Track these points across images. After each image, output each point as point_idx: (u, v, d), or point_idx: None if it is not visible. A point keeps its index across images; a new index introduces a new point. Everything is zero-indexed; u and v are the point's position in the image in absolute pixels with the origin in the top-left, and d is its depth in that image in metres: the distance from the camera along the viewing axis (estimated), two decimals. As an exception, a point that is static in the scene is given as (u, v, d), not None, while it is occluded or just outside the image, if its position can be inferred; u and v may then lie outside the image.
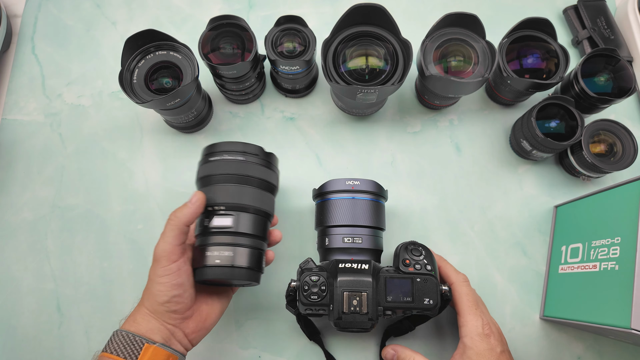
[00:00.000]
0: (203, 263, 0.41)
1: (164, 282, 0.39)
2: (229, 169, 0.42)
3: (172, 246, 0.40)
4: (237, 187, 0.42)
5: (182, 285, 0.40)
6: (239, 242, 0.42)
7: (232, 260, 0.41)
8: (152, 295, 0.40)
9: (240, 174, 0.42)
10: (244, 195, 0.42)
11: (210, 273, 0.41)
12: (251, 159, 0.43)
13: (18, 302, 0.52)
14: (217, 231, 0.41)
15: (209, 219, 0.42)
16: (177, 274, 0.40)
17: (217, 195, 0.42)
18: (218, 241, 0.41)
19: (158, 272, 0.40)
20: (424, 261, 0.44)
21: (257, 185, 0.43)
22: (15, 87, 0.60)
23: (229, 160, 0.43)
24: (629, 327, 0.37)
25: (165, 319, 0.40)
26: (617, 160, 0.52)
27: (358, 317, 0.41)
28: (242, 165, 0.43)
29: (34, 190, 0.56)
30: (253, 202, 0.43)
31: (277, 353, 0.50)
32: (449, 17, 0.50)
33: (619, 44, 0.60)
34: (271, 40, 0.51)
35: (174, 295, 0.40)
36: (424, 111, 0.59)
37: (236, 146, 0.43)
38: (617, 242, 0.42)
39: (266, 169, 0.44)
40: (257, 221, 0.43)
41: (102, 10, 0.64)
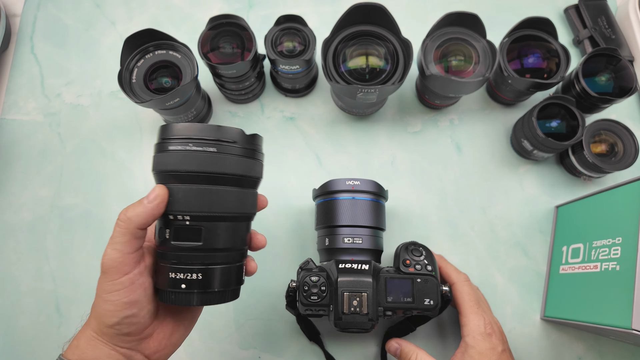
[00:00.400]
0: (166, 286, 0.33)
1: (113, 300, 0.31)
2: (197, 165, 0.31)
3: (123, 255, 0.31)
4: (208, 190, 0.32)
5: (136, 303, 0.32)
6: (211, 260, 0.33)
7: (203, 284, 0.33)
8: (99, 316, 0.32)
9: (213, 172, 0.32)
10: (218, 201, 0.32)
11: (175, 300, 0.33)
12: (228, 150, 0.32)
13: (17, 303, 0.52)
14: (183, 247, 0.32)
15: (169, 229, 0.32)
16: (130, 290, 0.32)
17: (180, 200, 0.32)
18: (184, 261, 0.32)
19: (105, 288, 0.31)
20: (424, 261, 0.44)
21: (236, 183, 0.33)
22: (14, 86, 0.60)
23: (196, 152, 0.31)
24: (630, 328, 0.37)
25: (117, 343, 0.33)
26: (618, 160, 0.52)
27: (358, 317, 0.41)
28: (215, 159, 0.32)
29: (33, 190, 0.56)
30: (230, 209, 0.33)
31: (277, 353, 0.50)
32: (450, 17, 0.50)
33: (620, 44, 0.60)
34: (271, 39, 0.51)
35: (126, 316, 0.32)
36: (424, 111, 0.59)
37: (206, 131, 0.32)
38: (618, 242, 0.42)
39: (248, 160, 0.33)
40: (235, 230, 0.34)
41: (102, 10, 0.64)
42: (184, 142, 0.31)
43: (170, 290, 0.33)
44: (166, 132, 0.32)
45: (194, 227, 0.32)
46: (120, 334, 0.32)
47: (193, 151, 0.31)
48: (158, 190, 0.32)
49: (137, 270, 0.32)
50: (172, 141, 0.32)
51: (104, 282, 0.32)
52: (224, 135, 0.32)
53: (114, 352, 0.32)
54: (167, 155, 0.32)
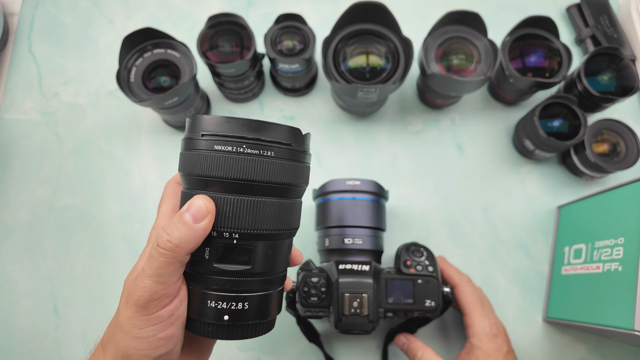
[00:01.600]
0: (202, 316, 0.27)
1: (147, 336, 0.25)
2: (247, 172, 0.26)
3: (167, 287, 0.25)
4: (262, 202, 0.26)
5: (172, 338, 0.26)
6: (255, 287, 0.27)
7: (247, 316, 0.27)
8: (125, 357, 0.25)
9: (265, 181, 0.26)
10: (272, 215, 0.27)
11: (214, 333, 0.27)
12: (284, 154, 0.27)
13: (14, 304, 0.51)
14: (228, 271, 0.27)
15: (211, 249, 0.27)
16: (169, 323, 0.26)
17: (228, 214, 0.26)
18: (228, 288, 0.27)
19: (139, 323, 0.25)
20: (425, 262, 0.44)
21: (285, 194, 0.28)
22: (11, 86, 0.60)
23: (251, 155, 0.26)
24: (632, 329, 0.37)
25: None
26: (620, 160, 0.52)
27: (359, 319, 0.41)
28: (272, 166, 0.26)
29: (31, 190, 0.55)
30: (280, 224, 0.28)
31: (276, 356, 0.50)
32: (451, 15, 0.49)
33: (622, 43, 0.59)
34: (270, 38, 0.51)
35: (161, 354, 0.26)
36: (425, 110, 0.59)
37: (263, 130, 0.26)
38: (620, 242, 0.42)
39: (300, 165, 0.28)
40: (282, 248, 0.29)
41: (100, 8, 0.63)
42: (237, 143, 0.25)
43: (208, 322, 0.27)
44: (206, 125, 0.26)
45: (244, 247, 0.27)
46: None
47: (248, 154, 0.25)
48: (206, 204, 0.25)
49: (177, 299, 0.26)
50: (220, 139, 0.25)
51: (138, 316, 0.25)
52: (279, 135, 0.27)
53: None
54: (214, 157, 0.25)
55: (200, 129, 0.26)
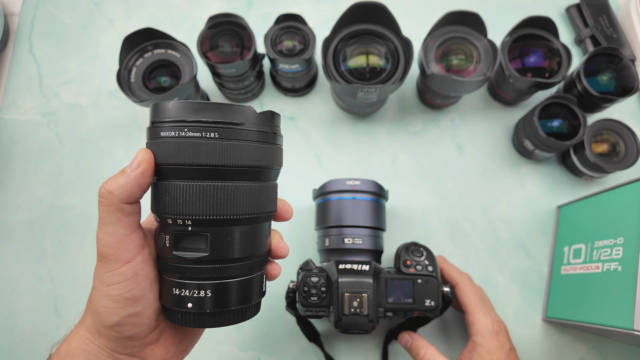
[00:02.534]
0: (170, 303, 0.27)
1: (113, 294, 0.26)
2: (196, 156, 0.25)
3: (118, 238, 0.25)
4: (214, 186, 0.25)
5: (140, 299, 0.26)
6: (223, 273, 0.26)
7: (215, 303, 0.26)
8: (97, 314, 0.26)
9: (218, 164, 0.25)
10: (228, 200, 0.25)
11: (183, 320, 0.27)
12: (236, 135, 0.25)
13: (15, 304, 0.52)
14: (185, 258, 0.26)
15: (169, 236, 0.26)
16: (133, 282, 0.26)
17: (178, 200, 0.25)
18: (188, 275, 0.26)
19: (104, 279, 0.26)
20: (425, 262, 0.44)
21: (250, 177, 0.26)
22: (12, 86, 0.60)
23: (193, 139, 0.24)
24: (632, 329, 0.37)
25: (116, 348, 0.27)
26: (619, 160, 0.52)
27: (358, 318, 0.41)
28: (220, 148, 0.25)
29: (31, 190, 0.55)
30: (244, 209, 0.26)
31: (276, 355, 0.50)
32: (451, 15, 0.49)
33: (621, 43, 0.59)
34: (270, 38, 0.51)
35: (129, 314, 0.26)
36: (425, 110, 0.59)
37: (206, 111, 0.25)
38: (619, 242, 0.42)
39: (262, 146, 0.26)
40: (252, 234, 0.27)
41: (100, 9, 0.63)
42: (178, 127, 0.24)
43: (176, 310, 0.27)
44: (157, 113, 0.26)
45: (198, 234, 0.26)
46: (121, 337, 0.27)
47: (190, 137, 0.24)
48: (142, 154, 0.25)
49: (140, 257, 0.26)
50: (164, 125, 0.25)
51: (102, 272, 0.26)
52: (229, 115, 0.25)
53: (112, 359, 0.27)
54: (160, 143, 0.25)
55: (152, 118, 0.26)
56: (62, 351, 0.28)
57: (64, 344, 0.28)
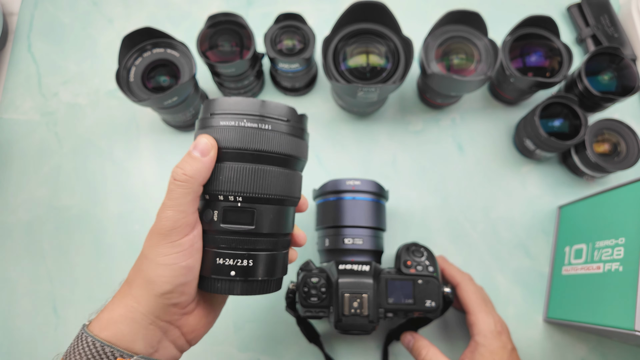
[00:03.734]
0: (212, 272, 0.31)
1: (170, 263, 0.28)
2: (252, 142, 0.30)
3: (187, 215, 0.29)
4: (262, 169, 0.30)
5: (192, 269, 0.29)
6: (260, 246, 0.31)
7: (252, 272, 0.31)
8: (149, 283, 0.29)
9: (267, 150, 0.30)
10: (271, 181, 0.31)
11: (222, 288, 0.31)
12: (281, 128, 0.31)
13: (14, 304, 0.51)
14: (232, 231, 0.30)
15: (217, 211, 0.30)
16: (189, 253, 0.29)
17: (232, 179, 0.30)
18: (233, 246, 0.30)
19: (162, 250, 0.28)
20: (425, 262, 0.44)
21: (286, 164, 0.32)
22: (11, 85, 0.60)
23: (251, 129, 0.30)
24: (633, 329, 0.37)
25: (160, 314, 0.29)
26: (621, 159, 0.52)
27: (359, 319, 0.41)
28: (270, 137, 0.30)
29: (30, 190, 0.55)
30: (282, 190, 0.31)
31: (276, 356, 0.50)
32: (451, 15, 0.49)
33: (622, 42, 0.59)
34: (270, 37, 0.50)
35: (181, 283, 0.29)
36: (425, 110, 0.59)
37: (260, 108, 0.31)
38: (621, 242, 0.41)
39: (298, 140, 0.32)
40: (284, 214, 0.32)
41: (99, 8, 0.63)
42: (238, 118, 0.30)
43: (218, 277, 0.30)
44: (216, 106, 0.31)
45: (246, 209, 0.30)
46: (169, 303, 0.29)
47: (248, 127, 0.30)
48: (211, 140, 0.29)
49: (196, 231, 0.30)
50: (224, 116, 0.30)
51: (162, 244, 0.28)
52: (278, 112, 0.31)
53: (153, 325, 0.29)
54: (219, 130, 0.30)
55: (210, 110, 0.31)
56: (104, 319, 0.29)
57: (105, 312, 0.30)
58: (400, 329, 0.48)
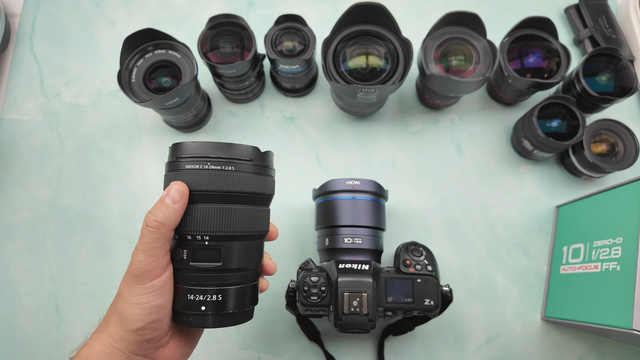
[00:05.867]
0: (184, 308, 0.32)
1: (142, 303, 0.30)
2: (217, 184, 0.31)
3: (157, 259, 0.30)
4: (227, 208, 0.32)
5: (163, 307, 0.31)
6: (228, 281, 0.32)
7: (222, 306, 0.32)
8: (123, 321, 0.30)
9: (232, 190, 0.32)
10: (237, 219, 0.32)
11: (193, 322, 0.32)
12: (245, 168, 0.32)
13: (16, 303, 0.52)
14: (201, 268, 0.32)
15: (187, 250, 0.32)
16: (160, 293, 0.31)
17: (199, 220, 0.31)
18: (202, 282, 0.32)
19: (135, 291, 0.30)
20: (424, 262, 0.44)
21: (251, 201, 0.33)
22: (13, 86, 0.60)
23: (215, 171, 0.31)
24: (630, 328, 0.37)
25: (134, 349, 0.31)
26: (618, 160, 0.52)
27: (358, 318, 0.41)
28: (233, 178, 0.32)
29: (32, 190, 0.56)
30: (248, 227, 0.33)
31: (276, 354, 0.50)
32: (450, 16, 0.49)
33: (620, 43, 0.59)
34: (271, 39, 0.51)
35: (153, 320, 0.31)
36: (424, 110, 0.59)
37: (223, 150, 0.32)
38: (618, 242, 0.42)
39: (263, 177, 0.33)
40: (251, 248, 0.34)
41: (101, 9, 0.63)
42: (202, 161, 0.31)
43: (189, 313, 0.32)
44: (181, 151, 0.32)
45: (213, 247, 0.32)
46: (142, 339, 0.31)
47: (212, 170, 0.31)
48: (179, 187, 0.31)
49: (167, 272, 0.32)
50: (189, 160, 0.32)
51: (135, 285, 0.30)
52: (240, 153, 0.32)
53: (140, 358, 0.32)
54: (184, 174, 0.31)
55: (176, 154, 0.32)
56: (84, 355, 0.31)
57: (85, 348, 0.32)
58: (397, 325, 0.48)
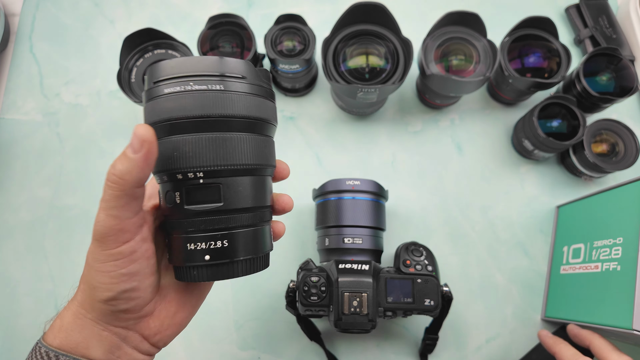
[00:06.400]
0: (185, 261, 0.27)
1: (108, 270, 0.25)
2: (203, 108, 0.25)
3: (121, 221, 0.25)
4: (222, 137, 0.26)
5: (137, 274, 0.26)
6: (234, 223, 0.27)
7: (229, 253, 0.27)
8: (91, 289, 0.26)
9: (224, 114, 0.26)
10: (235, 149, 0.26)
11: (199, 275, 0.27)
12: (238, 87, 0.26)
13: (16, 303, 0.52)
14: (199, 211, 0.26)
15: (179, 192, 0.26)
16: (130, 259, 0.26)
17: (188, 154, 0.25)
18: (203, 227, 0.27)
19: (99, 257, 0.25)
20: (424, 262, 0.44)
21: (251, 129, 0.27)
22: (13, 86, 0.60)
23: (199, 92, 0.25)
24: (631, 328, 0.37)
25: (111, 321, 0.27)
26: (619, 160, 0.52)
27: (358, 318, 0.41)
28: (225, 99, 0.26)
29: (32, 190, 0.56)
30: (250, 159, 0.27)
31: (276, 354, 0.50)
32: (450, 16, 0.49)
33: (620, 43, 0.59)
34: (271, 38, 0.51)
35: (124, 289, 0.26)
36: (424, 110, 0.59)
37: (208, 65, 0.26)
38: (619, 242, 0.42)
39: (259, 99, 0.28)
40: (258, 184, 0.28)
41: (101, 9, 0.63)
42: (183, 82, 0.25)
43: (189, 265, 0.27)
44: (158, 72, 0.26)
45: (210, 185, 0.26)
46: (116, 310, 0.26)
47: (196, 91, 0.25)
48: (141, 132, 0.23)
49: (139, 236, 0.26)
50: (168, 82, 0.25)
51: (98, 251, 0.25)
52: (230, 69, 0.26)
53: (106, 332, 0.27)
54: (164, 100, 0.25)
55: (153, 78, 0.26)
56: (55, 327, 0.27)
57: (57, 320, 0.28)
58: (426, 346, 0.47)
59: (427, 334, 0.47)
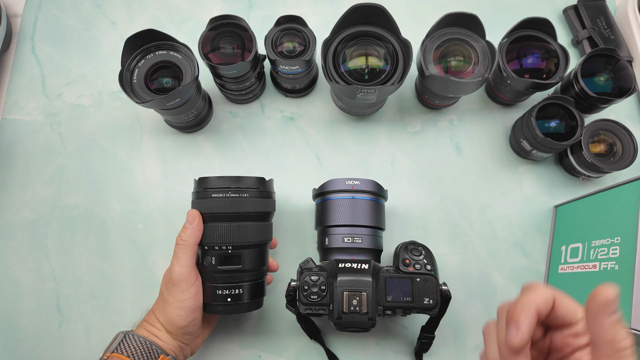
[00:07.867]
0: (212, 300, 0.43)
1: (185, 307, 0.41)
2: (235, 207, 0.43)
3: (188, 269, 0.41)
4: (243, 225, 0.43)
5: (199, 308, 0.42)
6: (245, 278, 0.44)
7: (242, 297, 0.44)
8: (171, 320, 0.41)
9: (245, 211, 0.43)
10: (250, 232, 0.44)
11: (223, 310, 0.44)
12: (254, 194, 0.44)
13: (18, 302, 0.52)
14: (226, 270, 0.43)
15: (214, 257, 0.43)
16: (196, 298, 0.41)
17: (223, 234, 0.43)
18: (228, 280, 0.43)
19: (178, 297, 0.41)
20: (423, 261, 0.44)
21: (259, 218, 0.45)
22: (15, 87, 0.60)
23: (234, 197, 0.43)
24: (629, 327, 0.37)
25: (180, 339, 0.42)
26: (616, 160, 0.52)
27: (358, 316, 0.41)
28: (246, 202, 0.43)
29: (34, 190, 0.56)
30: (257, 238, 0.44)
31: (277, 352, 0.50)
32: (449, 17, 0.50)
33: (618, 44, 0.60)
34: (271, 40, 0.51)
35: (193, 319, 0.42)
36: (424, 111, 0.59)
37: (238, 182, 0.44)
38: (616, 242, 0.42)
39: (266, 200, 0.45)
40: (259, 253, 0.45)
41: (102, 10, 0.64)
42: (224, 191, 0.43)
43: (218, 303, 0.43)
44: (207, 183, 0.44)
45: (235, 255, 0.43)
46: (186, 333, 0.42)
47: (232, 197, 0.43)
48: (194, 214, 0.43)
49: (198, 281, 0.42)
50: (214, 190, 0.44)
51: (177, 292, 0.41)
52: (251, 183, 0.44)
53: (176, 343, 0.42)
54: (212, 201, 0.43)
55: (203, 186, 0.44)
56: (144, 329, 0.42)
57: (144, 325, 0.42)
58: (422, 345, 0.47)
59: (424, 333, 0.47)
